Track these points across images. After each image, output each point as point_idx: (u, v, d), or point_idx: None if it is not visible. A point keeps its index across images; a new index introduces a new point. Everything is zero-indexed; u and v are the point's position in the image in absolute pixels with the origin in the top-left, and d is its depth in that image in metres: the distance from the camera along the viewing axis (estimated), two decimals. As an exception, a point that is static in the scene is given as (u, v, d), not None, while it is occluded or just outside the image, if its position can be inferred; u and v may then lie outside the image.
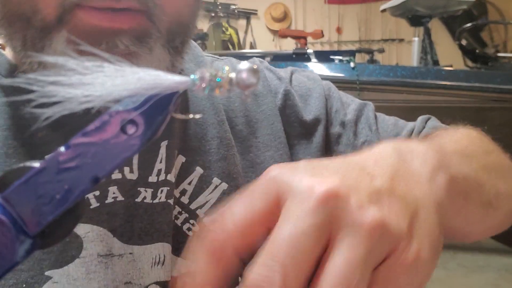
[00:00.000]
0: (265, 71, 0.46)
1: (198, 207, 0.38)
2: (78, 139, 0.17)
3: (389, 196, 0.20)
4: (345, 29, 3.81)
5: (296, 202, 0.19)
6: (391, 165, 0.22)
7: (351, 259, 0.18)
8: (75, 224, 0.19)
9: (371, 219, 0.18)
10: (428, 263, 0.19)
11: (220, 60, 0.47)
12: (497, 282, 2.00)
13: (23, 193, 0.17)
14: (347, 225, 0.18)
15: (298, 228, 0.18)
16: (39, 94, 0.17)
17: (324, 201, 0.18)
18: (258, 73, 0.18)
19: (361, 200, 0.19)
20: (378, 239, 0.18)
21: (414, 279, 0.19)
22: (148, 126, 0.17)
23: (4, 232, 0.17)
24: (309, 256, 0.18)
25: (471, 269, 2.11)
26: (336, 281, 0.17)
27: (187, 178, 0.38)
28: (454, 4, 2.33)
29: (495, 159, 0.36)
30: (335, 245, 0.18)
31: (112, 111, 0.17)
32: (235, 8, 3.48)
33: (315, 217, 0.18)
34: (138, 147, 0.18)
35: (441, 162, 0.24)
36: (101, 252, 0.33)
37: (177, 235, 0.36)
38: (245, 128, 0.42)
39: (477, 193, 0.28)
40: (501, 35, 3.10)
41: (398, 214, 0.19)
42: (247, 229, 0.19)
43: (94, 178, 0.17)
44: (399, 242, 0.19)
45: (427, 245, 0.20)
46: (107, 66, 0.17)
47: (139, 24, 0.30)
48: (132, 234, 0.34)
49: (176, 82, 0.18)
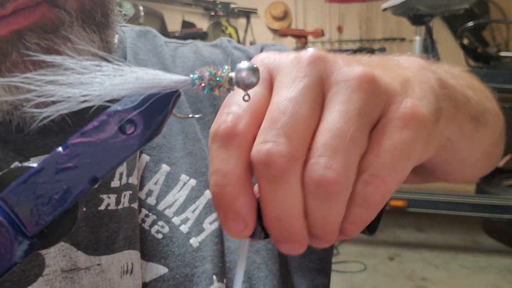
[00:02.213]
0: (233, 51, 0.44)
1: (167, 207, 0.36)
2: (76, 139, 0.17)
3: (378, 66, 0.20)
4: (346, 28, 3.80)
5: (286, 71, 0.19)
6: (377, 59, 0.22)
7: (343, 111, 0.17)
8: (74, 224, 0.19)
9: (361, 72, 0.18)
10: (427, 123, 0.18)
11: (185, 45, 0.45)
12: (498, 283, 2.00)
13: (21, 193, 0.17)
14: (337, 81, 0.18)
15: (291, 91, 0.18)
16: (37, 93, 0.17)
17: (312, 62, 0.18)
18: (258, 72, 0.18)
19: (349, 61, 0.19)
20: (370, 92, 0.18)
21: (410, 136, 0.18)
22: (147, 126, 0.17)
23: (2, 233, 0.17)
24: (308, 116, 0.18)
25: (473, 270, 2.11)
26: (332, 133, 0.17)
27: (153, 177, 0.36)
28: (455, 3, 2.33)
29: (478, 84, 0.35)
30: (329, 102, 0.18)
31: (110, 111, 0.17)
32: (235, 7, 3.47)
33: (306, 79, 0.18)
34: (137, 146, 0.17)
35: (428, 66, 0.24)
36: (65, 267, 0.32)
37: (145, 239, 0.35)
38: (214, 118, 0.40)
39: (465, 105, 0.27)
40: (503, 34, 3.09)
41: (388, 75, 0.19)
42: (254, 110, 0.19)
43: (92, 178, 0.17)
44: (392, 96, 0.18)
45: (424, 103, 0.19)
46: (106, 65, 0.17)
47: (43, 15, 0.29)
48: (97, 244, 0.33)
49: (175, 81, 0.17)
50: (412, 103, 0.18)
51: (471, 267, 2.13)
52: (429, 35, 2.45)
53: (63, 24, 0.29)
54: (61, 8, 0.29)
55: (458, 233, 2.53)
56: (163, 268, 0.34)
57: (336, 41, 3.83)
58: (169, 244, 0.35)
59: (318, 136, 0.17)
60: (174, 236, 0.35)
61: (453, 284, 1.99)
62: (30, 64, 0.29)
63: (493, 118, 0.34)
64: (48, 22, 0.29)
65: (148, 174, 0.36)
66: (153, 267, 0.34)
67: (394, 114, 0.18)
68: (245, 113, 0.18)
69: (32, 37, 0.28)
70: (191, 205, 0.37)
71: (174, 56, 0.43)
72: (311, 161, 0.17)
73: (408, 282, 2.02)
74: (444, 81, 0.24)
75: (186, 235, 0.36)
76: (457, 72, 0.34)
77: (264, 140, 0.17)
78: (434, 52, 2.43)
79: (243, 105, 0.19)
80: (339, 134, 0.17)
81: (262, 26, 3.89)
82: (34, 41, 0.28)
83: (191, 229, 0.36)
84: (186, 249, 0.35)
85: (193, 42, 0.46)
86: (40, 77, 0.17)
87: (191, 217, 0.36)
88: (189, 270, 0.35)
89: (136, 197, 0.35)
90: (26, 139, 0.33)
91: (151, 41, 0.42)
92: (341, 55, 0.20)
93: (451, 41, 2.85)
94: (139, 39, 0.42)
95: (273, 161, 0.17)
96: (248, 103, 0.19)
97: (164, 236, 0.35)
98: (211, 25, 3.44)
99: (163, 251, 0.35)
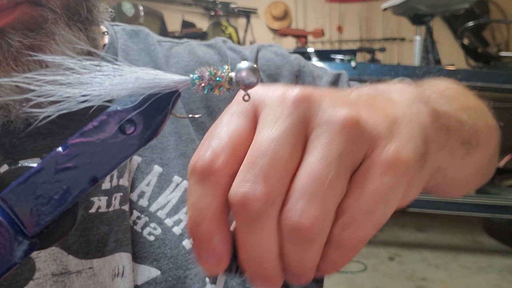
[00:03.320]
0: (227, 52, 0.43)
1: (159, 208, 0.36)
2: (76, 139, 0.17)
3: (365, 105, 0.19)
4: (346, 28, 3.80)
5: (270, 109, 0.18)
6: (367, 93, 0.21)
7: (324, 155, 0.17)
8: (74, 224, 0.19)
9: (346, 115, 0.18)
10: (410, 168, 0.18)
11: (180, 44, 0.44)
12: (499, 283, 1.99)
13: (21, 193, 0.17)
14: (320, 123, 0.18)
15: (273, 131, 0.17)
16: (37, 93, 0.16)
17: (297, 101, 0.18)
18: (258, 72, 0.18)
19: (335, 101, 0.18)
20: (353, 136, 0.17)
21: (392, 182, 0.17)
22: (147, 126, 0.17)
23: (2, 233, 0.17)
24: (289, 159, 0.17)
25: (473, 270, 2.10)
26: (310, 178, 0.17)
27: (145, 179, 0.36)
28: (456, 2, 2.32)
29: (472, 101, 0.35)
30: (310, 144, 0.18)
31: (110, 111, 0.17)
32: (234, 6, 3.47)
33: (289, 119, 0.18)
34: (137, 146, 0.17)
35: (420, 97, 0.23)
36: (56, 271, 0.31)
37: (137, 242, 0.34)
38: (208, 120, 0.40)
39: (457, 130, 0.27)
40: (503, 34, 3.09)
41: (375, 116, 0.19)
42: (234, 146, 0.18)
43: (92, 178, 0.17)
44: (377, 140, 0.18)
45: (410, 146, 0.18)
46: (106, 65, 0.17)
47: (24, 13, 0.28)
48: (88, 248, 0.33)
49: (175, 81, 0.17)
50: (396, 148, 0.18)
51: (471, 267, 2.12)
52: (429, 35, 2.45)
53: (46, 22, 0.29)
54: (44, 6, 0.29)
55: (459, 233, 2.53)
56: (156, 271, 0.34)
57: (336, 41, 3.83)
58: (162, 246, 0.35)
59: (296, 180, 0.17)
60: (167, 238, 0.35)
61: (454, 284, 1.99)
62: (12, 61, 0.28)
63: (487, 136, 0.33)
64: (30, 20, 0.28)
65: (140, 175, 0.36)
66: (145, 270, 0.34)
67: (377, 158, 0.18)
68: (224, 149, 0.18)
69: (15, 35, 0.28)
70: (184, 206, 0.36)
71: (168, 56, 0.42)
72: (287, 206, 0.17)
73: (408, 282, 2.02)
74: (437, 111, 0.24)
75: (179, 236, 0.35)
76: (453, 91, 0.33)
77: (242, 180, 0.17)
78: (434, 52, 2.43)
79: (224, 139, 0.18)
80: (317, 179, 0.17)
81: (262, 26, 3.89)
82: (16, 39, 0.28)
83: (184, 231, 0.35)
84: (179, 251, 0.35)
85: (188, 41, 0.45)
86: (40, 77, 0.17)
87: (184, 219, 0.36)
88: (182, 273, 0.34)
89: (127, 199, 0.34)
90: (14, 142, 0.33)
91: (143, 40, 0.42)
92: (329, 92, 0.19)
93: (451, 41, 2.85)
94: (130, 39, 0.42)
95: (249, 205, 0.17)
96: (229, 137, 0.18)
97: (156, 238, 0.35)
98: (211, 25, 3.44)
99: (155, 253, 0.34)
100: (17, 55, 0.28)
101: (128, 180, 0.35)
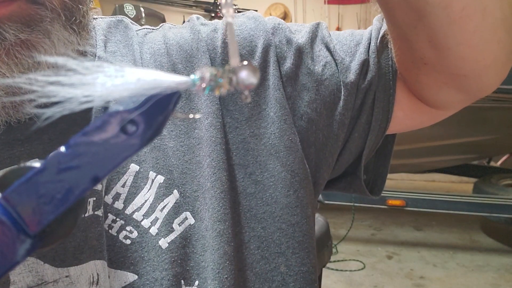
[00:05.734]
0: (200, 27, 0.41)
1: (135, 210, 0.35)
2: (78, 138, 0.17)
3: None
4: (345, 29, 3.81)
5: None
6: None
7: None
8: (75, 223, 0.19)
9: None
10: None
11: (155, 30, 0.43)
12: (496, 282, 2.00)
13: (24, 192, 0.17)
14: None
15: None
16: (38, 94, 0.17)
17: None
18: (258, 72, 0.18)
19: None
20: None
21: None
22: (148, 126, 0.17)
23: (5, 232, 0.17)
24: None
25: (470, 269, 2.11)
26: None
27: (121, 179, 0.35)
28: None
29: None
30: None
31: (112, 111, 0.17)
32: (235, 8, 3.47)
33: None
34: (138, 146, 0.18)
35: None
36: (31, 283, 0.30)
37: (113, 246, 0.33)
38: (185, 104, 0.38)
39: None
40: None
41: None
42: None
43: (94, 178, 0.17)
44: None
45: None
46: (108, 66, 0.17)
47: (20, 9, 0.28)
48: (65, 255, 0.32)
49: (176, 82, 0.18)
50: None
51: (469, 266, 2.13)
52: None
53: (42, 20, 0.29)
54: (42, 4, 0.29)
55: (456, 232, 2.54)
56: (133, 276, 0.33)
57: (334, 40, 3.82)
58: (139, 250, 0.34)
59: None
60: (144, 240, 0.34)
61: (451, 283, 1.99)
62: (4, 54, 0.28)
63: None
64: (26, 17, 0.28)
65: (116, 176, 0.35)
66: (122, 275, 0.33)
67: None
68: None
69: (11, 27, 0.28)
70: (160, 203, 0.35)
71: (142, 42, 0.41)
72: None
73: (406, 280, 2.03)
74: None
75: (155, 236, 0.34)
76: None
77: None
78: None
79: None
80: None
81: (261, 25, 3.89)
82: (12, 31, 0.28)
83: (160, 229, 0.35)
84: (156, 251, 0.34)
85: (163, 25, 0.44)
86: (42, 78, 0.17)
87: (160, 217, 0.35)
88: (159, 274, 0.34)
89: (100, 203, 0.33)
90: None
91: (122, 31, 0.41)
92: None
93: (449, 40, 2.85)
94: (109, 30, 0.41)
95: None
96: None
97: (132, 241, 0.34)
98: (210, 25, 3.44)
99: (132, 257, 0.34)
100: (10, 48, 0.28)
101: (102, 183, 0.34)
